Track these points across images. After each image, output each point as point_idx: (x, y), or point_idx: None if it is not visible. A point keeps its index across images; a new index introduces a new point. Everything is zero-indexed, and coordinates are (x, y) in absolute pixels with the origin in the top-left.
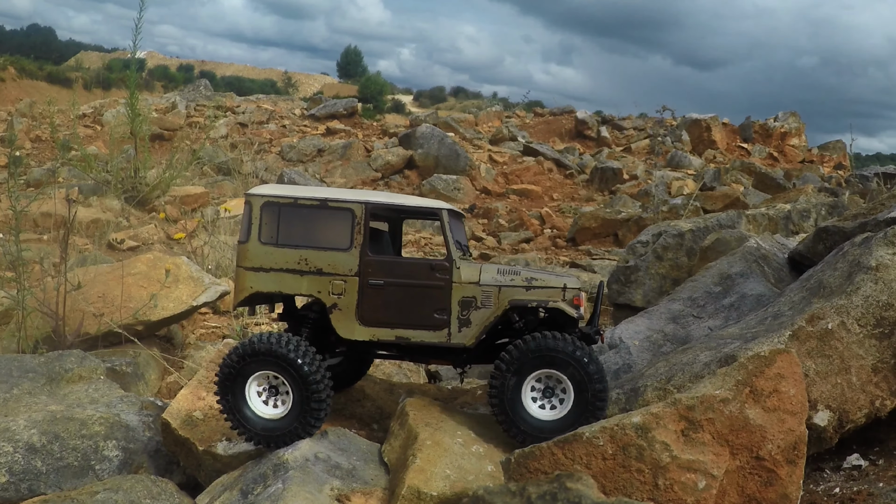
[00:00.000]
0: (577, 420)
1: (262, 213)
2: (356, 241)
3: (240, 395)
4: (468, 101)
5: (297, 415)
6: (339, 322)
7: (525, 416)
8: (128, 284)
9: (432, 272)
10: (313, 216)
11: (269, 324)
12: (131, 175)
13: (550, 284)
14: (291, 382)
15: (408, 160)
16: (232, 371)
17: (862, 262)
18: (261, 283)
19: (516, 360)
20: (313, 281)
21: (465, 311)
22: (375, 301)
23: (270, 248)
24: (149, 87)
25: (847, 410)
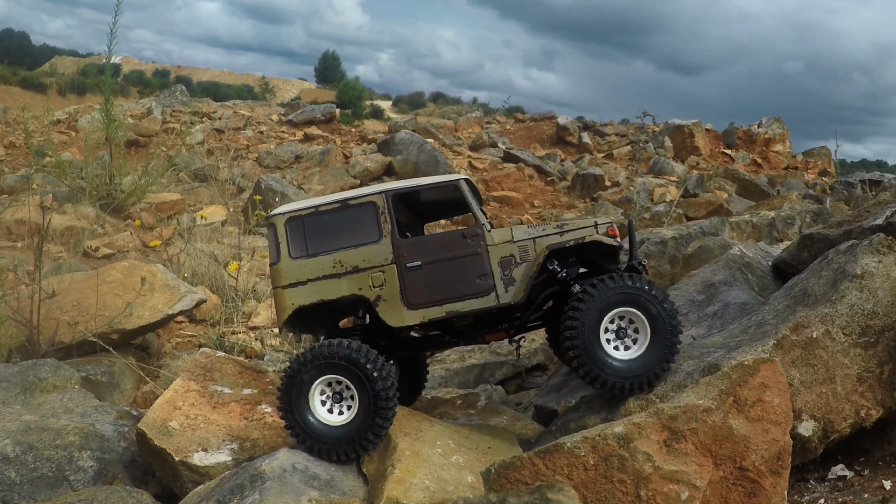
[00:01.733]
0: (655, 359)
1: (288, 230)
2: (384, 230)
3: (303, 402)
4: (448, 106)
5: (363, 421)
6: (387, 312)
7: (604, 356)
8: (103, 293)
9: (465, 240)
10: (337, 219)
11: (246, 332)
12: (106, 182)
13: (581, 225)
14: (358, 387)
15: (386, 167)
16: (296, 377)
17: (847, 269)
18: (301, 297)
19: (596, 298)
20: (352, 280)
21: (506, 270)
22: (417, 283)
23: (303, 261)
24: (124, 92)
25: (832, 420)
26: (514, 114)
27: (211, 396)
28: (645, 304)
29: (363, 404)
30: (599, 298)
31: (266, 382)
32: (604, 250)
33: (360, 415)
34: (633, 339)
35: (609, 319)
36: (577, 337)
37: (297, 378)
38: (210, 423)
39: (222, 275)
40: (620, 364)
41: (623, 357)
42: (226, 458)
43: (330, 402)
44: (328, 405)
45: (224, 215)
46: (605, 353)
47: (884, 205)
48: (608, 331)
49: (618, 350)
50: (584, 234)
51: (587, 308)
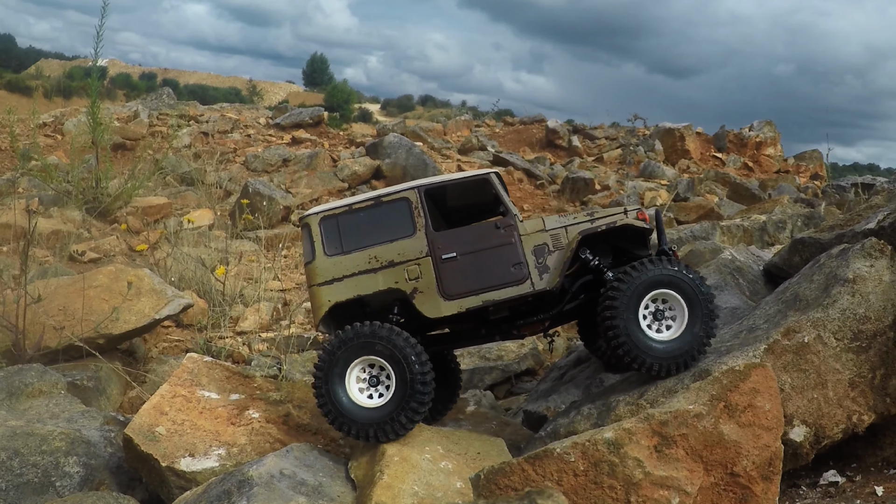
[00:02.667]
0: (692, 341)
1: (322, 229)
2: (418, 224)
3: (339, 384)
4: (437, 109)
5: (398, 404)
6: (424, 304)
7: (644, 338)
8: (89, 297)
9: (498, 231)
10: (371, 216)
11: (233, 337)
12: (93, 185)
13: (611, 212)
14: (396, 369)
15: (375, 170)
16: (334, 355)
17: (839, 274)
18: (337, 294)
19: (635, 280)
20: (388, 274)
21: (539, 258)
22: (453, 274)
23: (338, 258)
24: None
25: (823, 426)
26: (504, 117)
27: (198, 402)
28: (683, 286)
29: (399, 388)
30: (639, 280)
31: (253, 387)
32: (634, 235)
33: (396, 398)
34: (671, 321)
35: (647, 302)
36: (617, 318)
37: (335, 357)
38: (197, 429)
39: (209, 279)
40: (659, 346)
41: (662, 339)
42: (213, 463)
43: (367, 385)
44: (364, 388)
45: (211, 219)
46: (645, 334)
47: (876, 209)
48: (646, 314)
49: (658, 332)
50: (615, 219)
51: (626, 290)
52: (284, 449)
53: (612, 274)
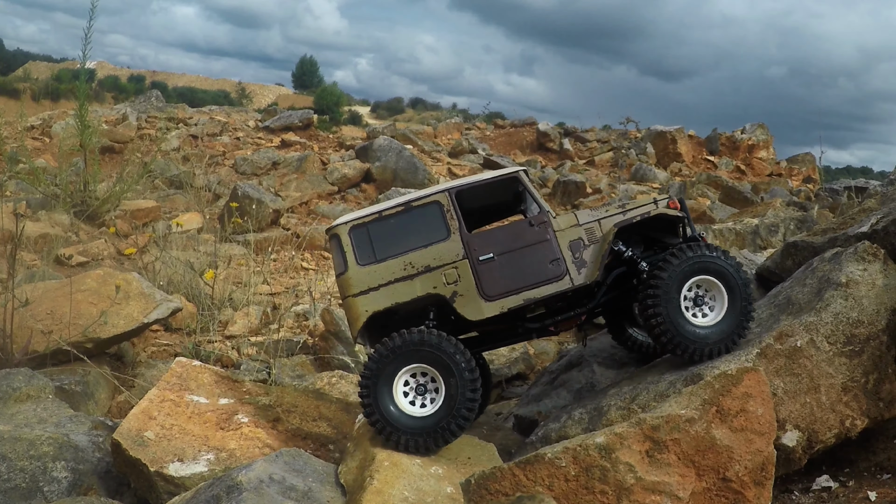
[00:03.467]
0: (732, 326)
1: (352, 238)
2: (452, 227)
3: (386, 392)
4: (427, 112)
5: (448, 412)
6: (465, 307)
7: (685, 323)
8: (77, 301)
9: (533, 228)
10: (402, 222)
11: (222, 341)
12: (81, 189)
13: (642, 203)
14: (445, 376)
15: (365, 173)
16: (381, 366)
17: (832, 278)
18: (374, 303)
19: (676, 267)
20: (425, 280)
21: (576, 253)
22: (492, 274)
23: (372, 267)
24: (99, 98)
25: (816, 430)
26: (494, 120)
27: (187, 406)
28: (723, 272)
29: (449, 395)
30: (680, 268)
31: (243, 392)
32: (665, 224)
33: (445, 405)
34: (710, 307)
35: (688, 288)
36: (660, 305)
37: (382, 366)
38: (186, 434)
39: (198, 283)
40: (701, 331)
41: (703, 324)
42: (202, 468)
43: (413, 393)
44: (410, 397)
45: (200, 222)
46: (687, 320)
47: (869, 212)
48: (686, 299)
49: (696, 317)
50: (649, 209)
51: (668, 277)
52: (274, 454)
53: (646, 264)
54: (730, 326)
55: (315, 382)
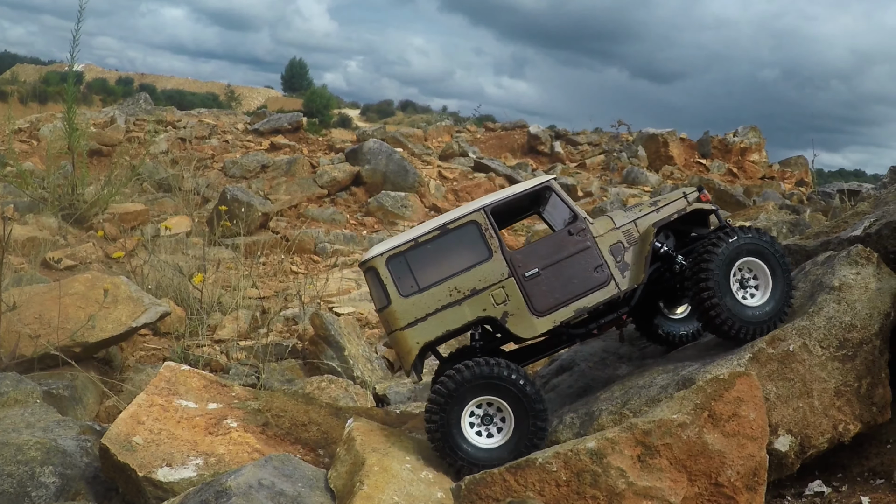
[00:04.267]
0: (777, 306)
1: (391, 270)
2: (492, 246)
3: (455, 426)
4: (417, 115)
5: (518, 441)
6: (517, 326)
7: (739, 305)
8: (65, 305)
9: (573, 237)
10: (440, 247)
11: (211, 345)
12: (69, 192)
13: (673, 198)
14: (514, 406)
15: (354, 176)
16: (451, 398)
17: (824, 281)
18: (424, 334)
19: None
20: (474, 303)
21: (618, 257)
22: (540, 289)
23: (416, 297)
24: (87, 100)
25: (809, 435)
26: (485, 122)
27: (175, 411)
28: (767, 254)
29: (520, 424)
30: (728, 250)
31: (231, 397)
32: (698, 217)
33: (516, 435)
34: (756, 287)
35: (734, 271)
36: (715, 292)
37: (451, 399)
38: (174, 438)
39: (187, 287)
40: (750, 311)
41: (752, 304)
42: (190, 473)
43: (479, 423)
44: (476, 427)
45: (189, 226)
46: (739, 302)
47: (862, 215)
48: (734, 282)
49: (746, 299)
50: (682, 205)
51: (718, 259)
52: (263, 459)
53: (682, 257)
54: (777, 304)
55: (304, 387)
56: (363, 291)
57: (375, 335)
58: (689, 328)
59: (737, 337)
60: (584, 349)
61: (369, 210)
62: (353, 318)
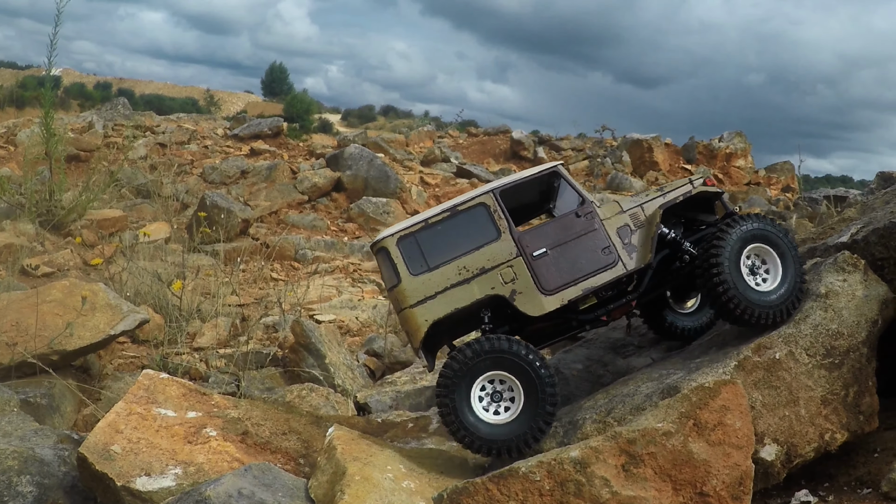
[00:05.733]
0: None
1: (401, 249)
2: (501, 227)
3: (464, 401)
4: (399, 120)
5: (531, 416)
6: (526, 304)
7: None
8: (42, 312)
9: (580, 219)
10: (449, 228)
11: (190, 353)
12: (46, 198)
13: (678, 184)
14: (524, 382)
15: (335, 182)
16: (460, 374)
17: (811, 289)
18: (433, 312)
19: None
20: (482, 281)
21: (625, 239)
22: (548, 269)
23: (425, 276)
24: (64, 105)
25: (795, 444)
26: (467, 128)
27: (154, 420)
28: (776, 240)
29: (529, 399)
30: (737, 235)
31: (211, 405)
32: (703, 203)
33: (526, 410)
34: (766, 271)
35: (745, 256)
36: (724, 273)
37: (460, 375)
38: (153, 447)
39: (166, 294)
40: (766, 297)
41: (766, 289)
42: (169, 483)
43: (487, 400)
44: (485, 402)
45: (168, 232)
46: (751, 288)
47: (849, 222)
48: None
49: (759, 285)
50: (688, 189)
51: (728, 245)
52: (243, 468)
53: (690, 244)
54: (790, 288)
55: (285, 395)
56: (344, 299)
57: (357, 343)
58: (698, 322)
59: (751, 321)
60: (567, 357)
61: (350, 216)
62: (334, 325)
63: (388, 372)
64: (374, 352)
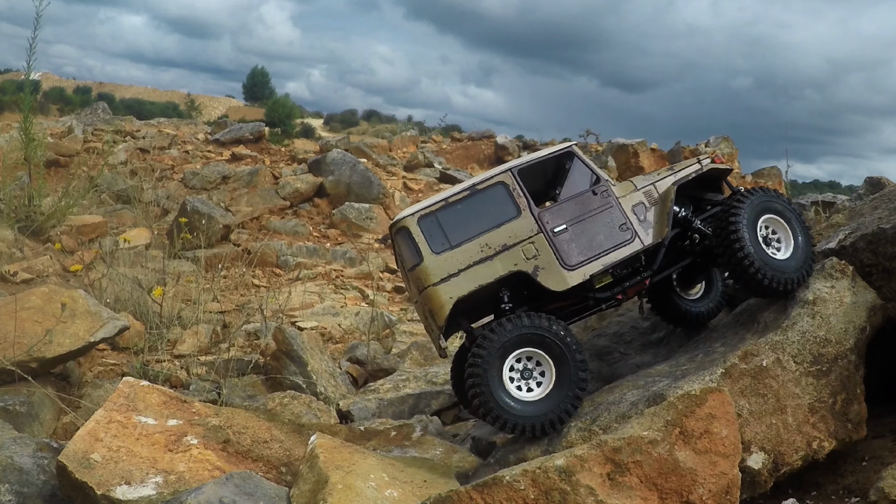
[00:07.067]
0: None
1: (422, 228)
2: (521, 205)
3: (498, 378)
4: (382, 125)
5: (562, 394)
6: (549, 278)
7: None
8: (21, 319)
9: (596, 196)
10: (469, 206)
11: (171, 360)
12: (25, 203)
13: (687, 164)
14: (555, 359)
15: (318, 188)
16: (492, 351)
17: (798, 295)
18: (458, 289)
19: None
20: (505, 258)
21: (640, 215)
22: (568, 244)
23: (448, 253)
24: (44, 110)
25: (782, 452)
26: (451, 132)
27: (134, 428)
28: (784, 212)
29: (561, 377)
30: (751, 207)
31: (192, 413)
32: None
33: (557, 388)
34: (779, 241)
35: (759, 228)
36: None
37: (494, 353)
38: (133, 456)
39: (146, 301)
40: (783, 263)
41: (782, 257)
42: (150, 491)
43: (518, 378)
44: (516, 381)
45: (148, 238)
46: (770, 256)
47: (837, 227)
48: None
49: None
50: (699, 167)
51: (744, 215)
52: (224, 476)
53: (700, 221)
54: (803, 256)
55: (267, 403)
56: (326, 305)
57: (339, 350)
58: (707, 307)
59: (779, 290)
60: None
61: (333, 222)
62: (317, 332)
63: (371, 379)
64: (356, 359)
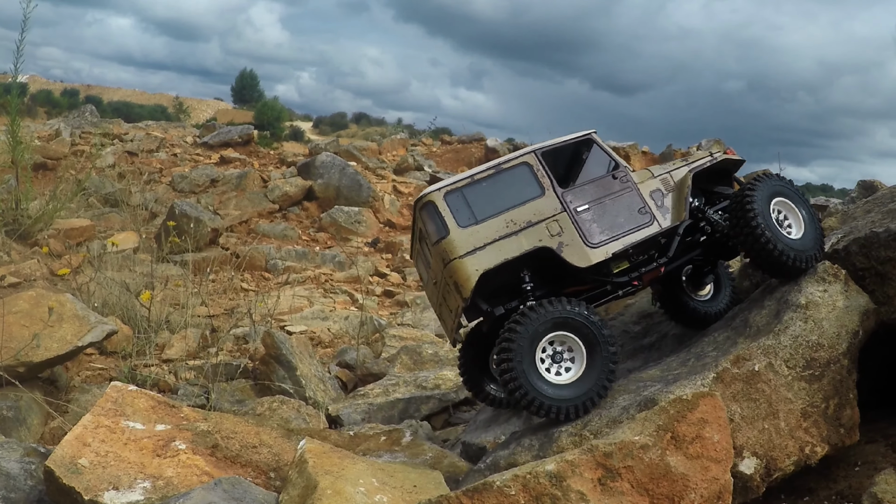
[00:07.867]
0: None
1: (448, 203)
2: (544, 184)
3: (531, 363)
4: (371, 128)
5: (593, 379)
6: (572, 255)
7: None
8: (8, 323)
9: (616, 181)
10: (494, 184)
11: (159, 365)
12: (12, 207)
13: (700, 156)
14: (586, 344)
15: (307, 191)
16: (526, 335)
17: (791, 299)
18: (484, 261)
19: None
20: (530, 234)
21: (658, 201)
22: (591, 223)
23: (474, 228)
24: (31, 112)
25: (775, 458)
26: (441, 135)
27: (122, 432)
28: (792, 195)
29: (591, 362)
30: (762, 195)
31: (180, 418)
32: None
33: (587, 373)
34: (790, 224)
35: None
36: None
37: (527, 338)
38: (121, 461)
39: (134, 305)
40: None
41: (796, 237)
42: (138, 497)
43: (549, 362)
44: (546, 364)
45: (136, 242)
46: (784, 236)
47: (829, 231)
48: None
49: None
50: (713, 157)
51: (759, 198)
52: (212, 482)
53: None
54: (814, 236)
55: (255, 408)
56: (316, 309)
57: (328, 354)
58: (716, 307)
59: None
60: None
61: (322, 225)
62: (306, 336)
63: (361, 384)
64: (346, 363)
